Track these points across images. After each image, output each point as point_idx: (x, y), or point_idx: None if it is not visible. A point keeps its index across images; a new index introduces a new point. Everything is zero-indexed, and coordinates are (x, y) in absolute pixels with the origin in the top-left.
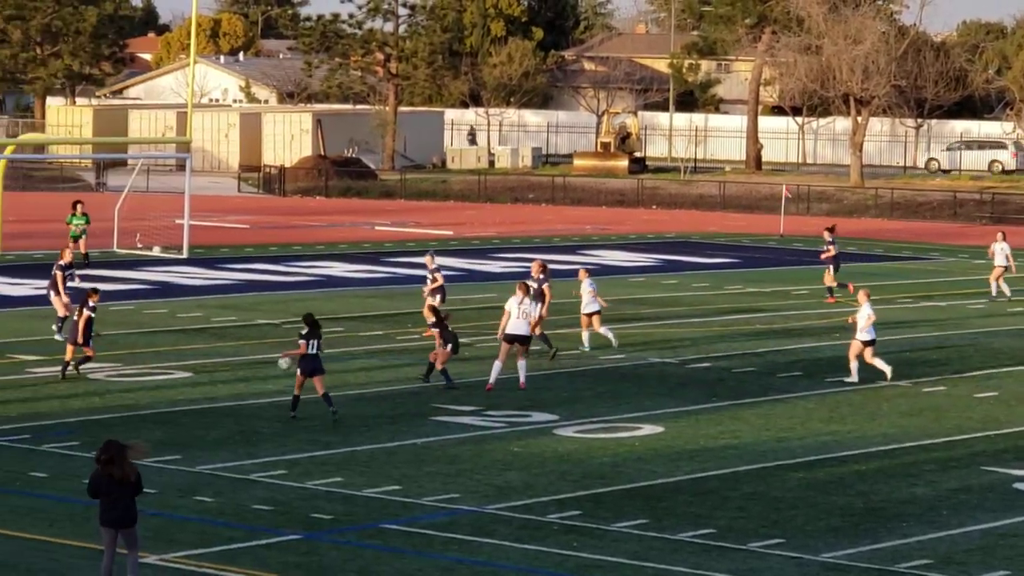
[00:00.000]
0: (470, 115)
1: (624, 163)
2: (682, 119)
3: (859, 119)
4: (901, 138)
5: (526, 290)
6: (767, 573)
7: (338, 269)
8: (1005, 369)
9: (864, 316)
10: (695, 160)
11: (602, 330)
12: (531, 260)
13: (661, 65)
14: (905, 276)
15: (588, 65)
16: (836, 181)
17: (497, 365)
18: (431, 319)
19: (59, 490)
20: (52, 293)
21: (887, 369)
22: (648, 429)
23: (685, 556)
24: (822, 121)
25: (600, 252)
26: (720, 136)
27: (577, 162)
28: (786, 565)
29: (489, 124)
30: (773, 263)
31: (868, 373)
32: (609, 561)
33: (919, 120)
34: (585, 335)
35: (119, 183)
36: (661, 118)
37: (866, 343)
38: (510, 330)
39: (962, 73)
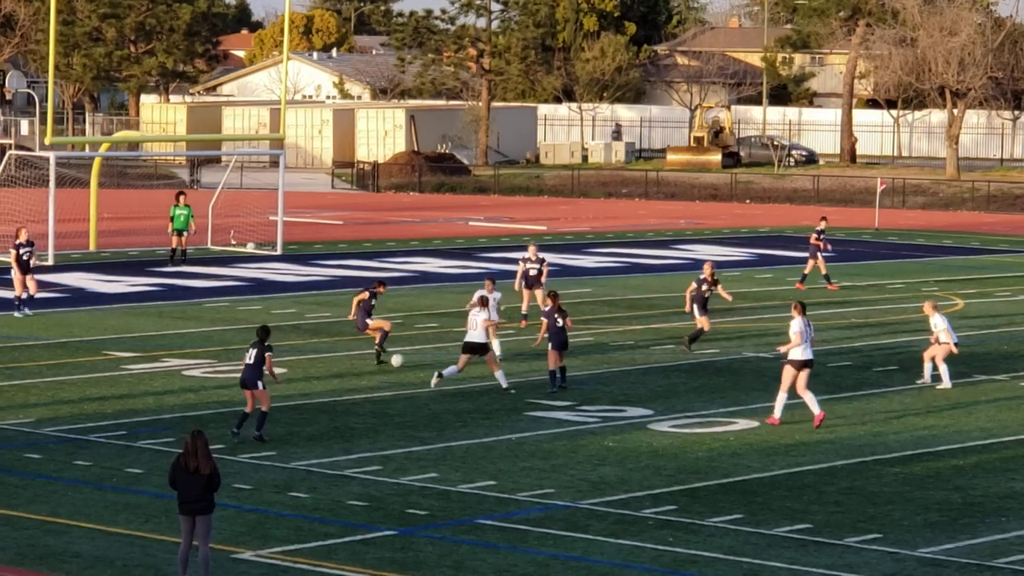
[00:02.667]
0: (563, 110)
1: (717, 157)
2: (776, 113)
3: (955, 111)
4: (998, 130)
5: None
6: (864, 568)
7: (432, 265)
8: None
9: (939, 327)
10: (790, 151)
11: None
12: (622, 255)
13: (754, 59)
14: (1002, 269)
15: (681, 59)
16: (932, 174)
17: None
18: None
19: (154, 486)
20: (13, 272)
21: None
22: (743, 424)
23: (781, 551)
24: (917, 114)
25: (693, 246)
26: (814, 130)
27: (670, 157)
28: (883, 560)
29: (582, 119)
30: (868, 257)
31: (960, 368)
32: (704, 556)
33: (1016, 112)
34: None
35: (213, 180)
36: (755, 112)
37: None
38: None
39: None
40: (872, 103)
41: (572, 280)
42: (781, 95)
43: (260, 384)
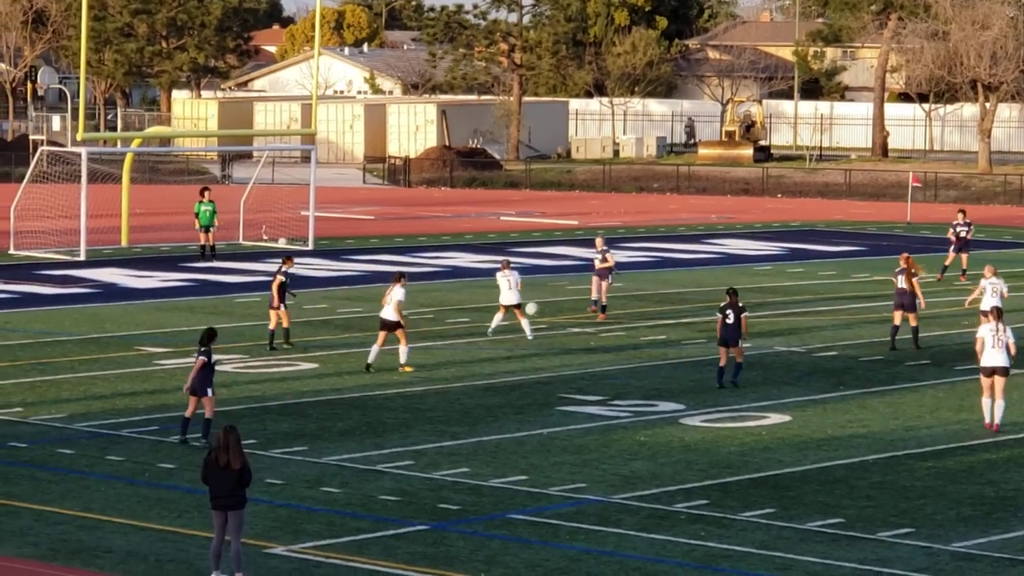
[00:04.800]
0: (594, 104)
1: (749, 152)
2: (807, 107)
3: (987, 105)
4: None
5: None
6: (897, 563)
7: (464, 259)
8: None
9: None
10: (820, 148)
11: (523, 322)
12: (653, 250)
13: (786, 53)
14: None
15: (712, 54)
16: (964, 168)
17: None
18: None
19: (187, 481)
20: None
21: None
22: (775, 418)
23: (813, 545)
24: (949, 108)
25: (725, 241)
26: (846, 124)
27: (702, 151)
28: (916, 554)
29: (613, 113)
30: (900, 251)
31: None
32: (737, 551)
33: None
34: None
35: (244, 175)
36: (786, 106)
37: None
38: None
39: None
40: (904, 97)
41: None
42: (813, 89)
43: (210, 391)
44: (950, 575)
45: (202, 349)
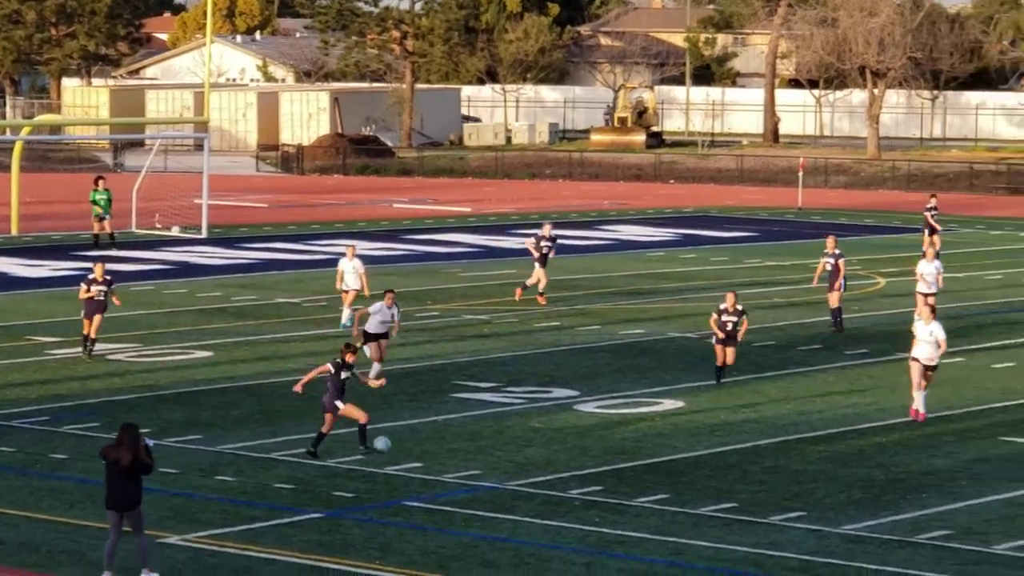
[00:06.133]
0: (486, 92)
1: (641, 138)
2: (699, 93)
3: (875, 91)
4: (917, 110)
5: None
6: (788, 546)
7: (357, 247)
8: (1022, 339)
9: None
10: (712, 134)
11: (349, 310)
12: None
13: (677, 39)
14: (922, 248)
15: (604, 40)
16: (853, 153)
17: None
18: None
19: (79, 471)
20: None
21: None
22: (668, 404)
23: (707, 530)
24: (839, 94)
25: (618, 227)
26: (737, 110)
27: (594, 137)
28: (807, 538)
29: (506, 100)
30: (791, 236)
31: (883, 346)
32: (631, 536)
33: (935, 92)
34: (346, 312)
35: (137, 164)
36: (678, 92)
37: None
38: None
39: (977, 44)
40: (794, 83)
41: (496, 262)
42: (704, 75)
43: (339, 404)
44: (841, 558)
45: (336, 360)
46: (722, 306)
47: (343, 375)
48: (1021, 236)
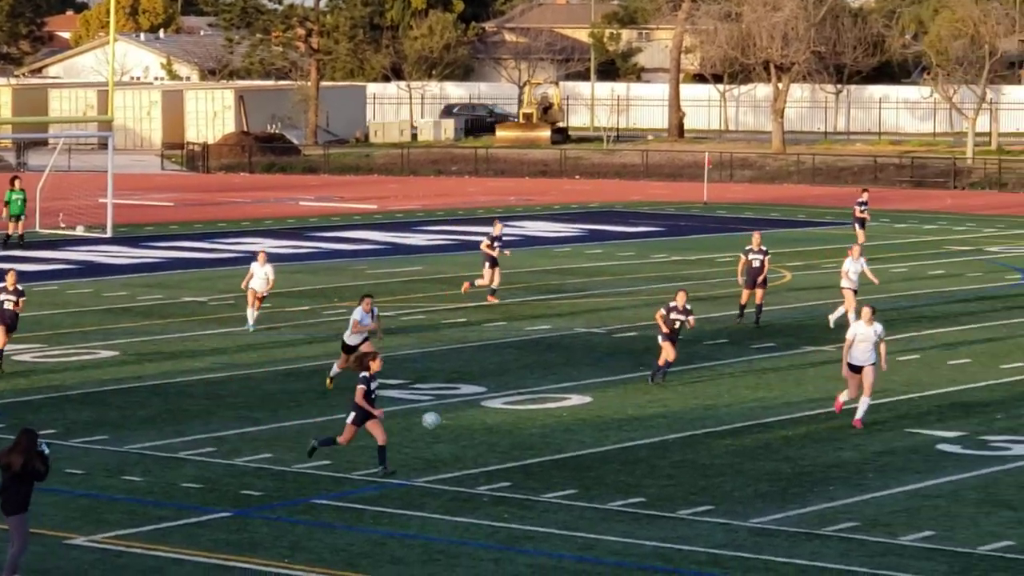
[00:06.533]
0: (392, 89)
1: (546, 134)
2: (604, 88)
3: (780, 85)
4: (821, 104)
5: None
6: (696, 540)
7: (263, 245)
8: (926, 332)
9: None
10: (617, 129)
11: (253, 311)
12: (452, 232)
13: (582, 35)
14: (827, 242)
15: (509, 36)
16: (758, 148)
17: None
18: None
19: None
20: None
21: None
22: (576, 399)
23: (614, 525)
24: (743, 88)
25: (524, 223)
26: (642, 105)
27: (500, 133)
28: (715, 531)
29: (411, 97)
30: (697, 231)
31: (794, 338)
32: (539, 532)
33: (839, 86)
34: (251, 312)
35: (40, 163)
36: (583, 88)
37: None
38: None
39: (880, 39)
40: (699, 78)
41: (403, 258)
42: (609, 71)
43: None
44: (749, 551)
45: (362, 375)
46: (672, 304)
47: (372, 385)
48: (925, 229)
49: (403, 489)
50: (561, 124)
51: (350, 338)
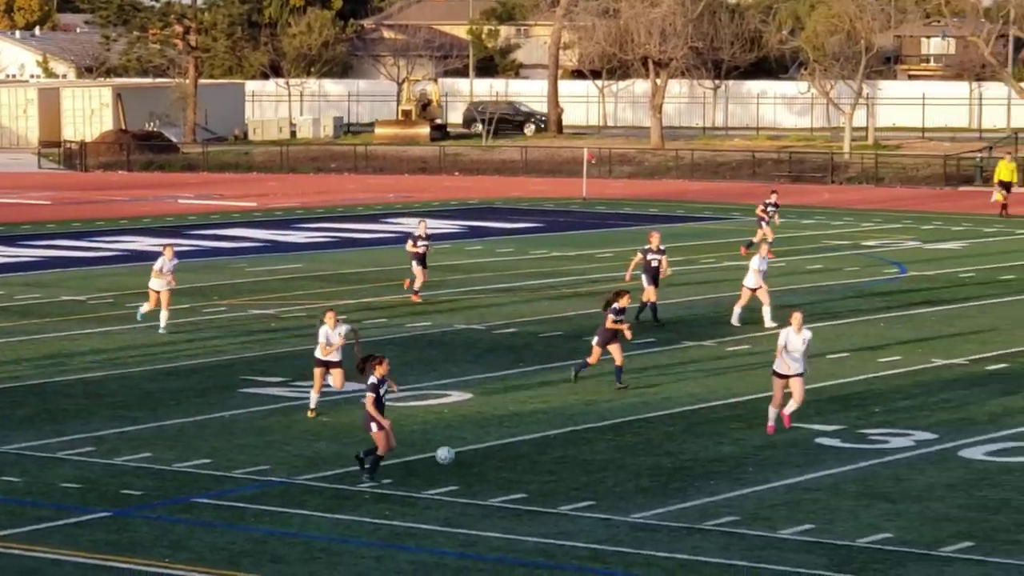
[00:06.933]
0: (271, 86)
1: (426, 130)
2: (483, 85)
3: (658, 81)
4: (699, 99)
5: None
6: (578, 536)
7: (142, 243)
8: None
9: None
10: (497, 125)
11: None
12: (332, 230)
13: (460, 31)
14: (707, 236)
15: (388, 33)
16: (637, 143)
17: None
18: None
19: None
20: None
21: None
22: (457, 396)
23: (496, 521)
24: (621, 84)
25: (403, 220)
26: (521, 101)
27: (379, 131)
28: (596, 527)
29: (290, 95)
30: (576, 227)
31: (669, 335)
32: (421, 529)
33: (717, 81)
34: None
35: None
36: (462, 84)
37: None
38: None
39: (757, 34)
40: (577, 74)
41: (282, 256)
42: (488, 67)
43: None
44: (630, 546)
45: (370, 382)
46: (616, 306)
47: (381, 391)
48: (803, 224)
49: (284, 487)
50: (440, 121)
51: (325, 356)
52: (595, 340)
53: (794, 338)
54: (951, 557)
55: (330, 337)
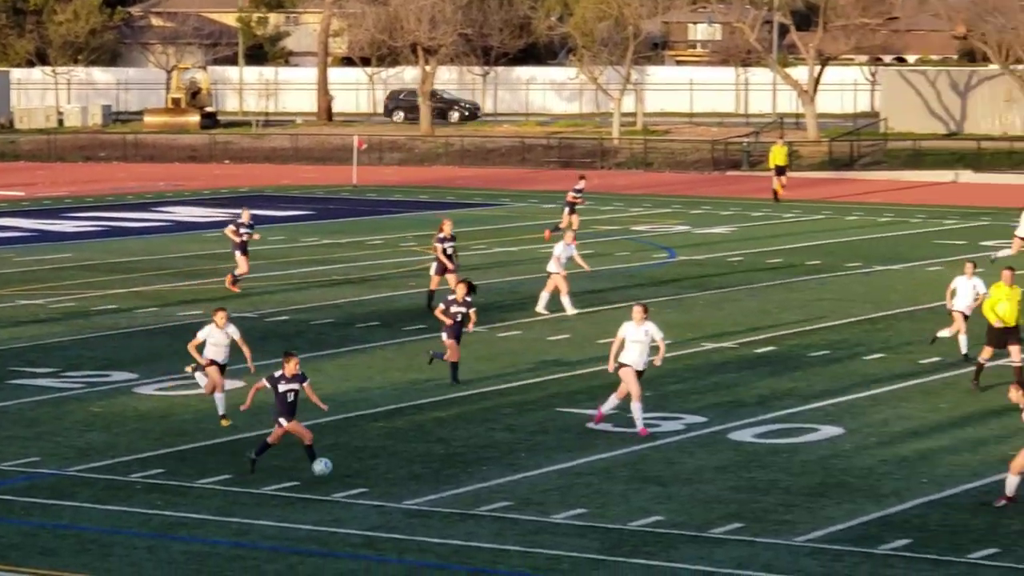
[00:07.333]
0: (37, 74)
1: (195, 119)
2: (252, 73)
3: (427, 68)
4: (469, 86)
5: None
6: (351, 523)
7: None
8: (576, 311)
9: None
10: (267, 113)
11: None
12: (102, 219)
13: (230, 19)
14: (477, 223)
15: (156, 21)
16: (407, 130)
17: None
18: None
19: None
20: None
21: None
22: (228, 384)
23: (270, 510)
24: (392, 71)
25: (174, 208)
26: (291, 89)
27: (148, 119)
28: (369, 513)
29: (57, 83)
30: (347, 214)
31: (434, 323)
32: (194, 518)
33: (486, 68)
34: None
35: None
36: (231, 72)
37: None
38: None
39: (526, 20)
40: (347, 61)
41: (51, 245)
42: (257, 55)
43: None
44: (404, 532)
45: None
46: (450, 297)
47: (281, 388)
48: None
49: (55, 478)
50: (210, 109)
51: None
52: (444, 335)
53: (635, 331)
54: (721, 538)
55: (215, 336)
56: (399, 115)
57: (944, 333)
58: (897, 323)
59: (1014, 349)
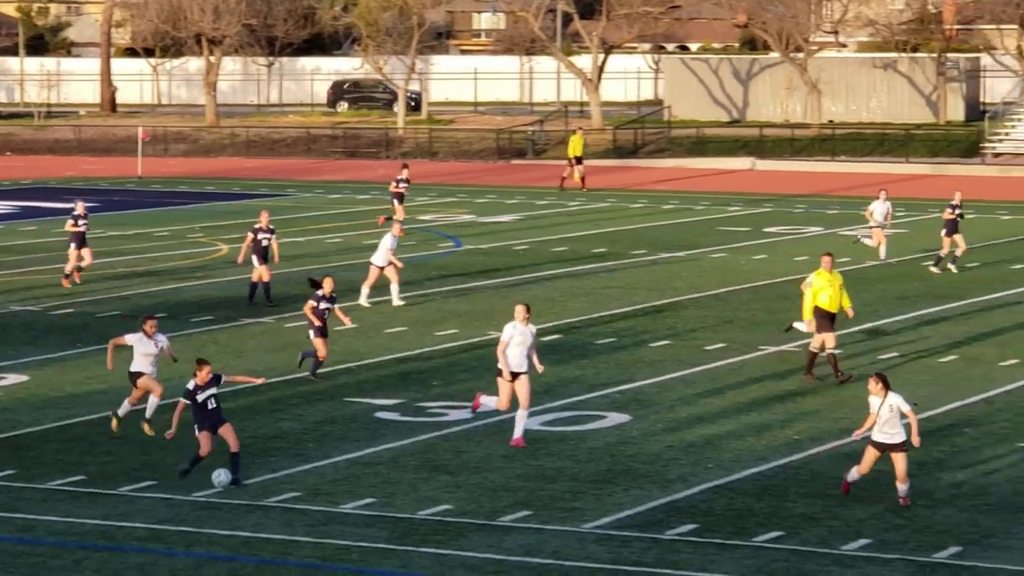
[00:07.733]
0: None
1: None
2: (33, 64)
3: (212, 59)
4: (254, 76)
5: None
6: (138, 516)
7: None
8: (361, 302)
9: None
10: (49, 105)
11: None
12: None
13: (9, 9)
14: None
15: None
16: (192, 121)
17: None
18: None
19: None
20: None
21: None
22: (12, 378)
23: (56, 504)
24: (176, 62)
25: None
26: (74, 80)
27: None
28: (157, 507)
29: None
30: (133, 206)
31: (233, 311)
32: None
33: (271, 58)
34: None
35: None
36: (12, 63)
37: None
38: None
39: (311, 11)
40: (131, 52)
41: None
42: (38, 46)
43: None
44: (192, 525)
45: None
46: (319, 293)
47: (199, 397)
48: (358, 199)
49: None
50: None
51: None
52: (312, 334)
53: (522, 331)
54: (510, 526)
55: (143, 346)
56: (343, 105)
57: (800, 325)
58: (683, 310)
59: (829, 336)
